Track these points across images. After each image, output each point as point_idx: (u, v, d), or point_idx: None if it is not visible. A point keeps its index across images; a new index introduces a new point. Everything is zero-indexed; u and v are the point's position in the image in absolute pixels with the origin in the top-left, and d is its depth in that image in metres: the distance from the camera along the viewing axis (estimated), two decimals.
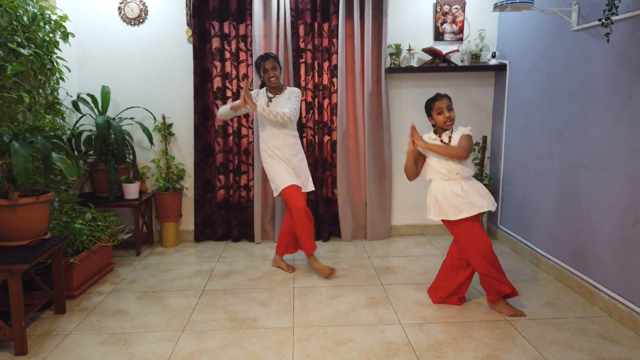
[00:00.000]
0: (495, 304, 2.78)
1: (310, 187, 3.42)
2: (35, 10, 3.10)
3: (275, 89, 3.35)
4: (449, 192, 2.68)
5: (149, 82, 4.09)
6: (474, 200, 2.65)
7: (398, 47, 4.02)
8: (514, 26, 3.87)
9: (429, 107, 2.77)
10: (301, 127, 4.07)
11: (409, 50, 4.04)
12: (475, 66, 4.06)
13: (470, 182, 2.71)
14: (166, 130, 4.09)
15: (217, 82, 4.04)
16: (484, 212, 2.80)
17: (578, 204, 3.03)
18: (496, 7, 3.15)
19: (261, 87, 3.46)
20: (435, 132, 2.81)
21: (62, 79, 3.40)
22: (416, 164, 2.86)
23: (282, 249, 3.50)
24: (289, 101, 3.30)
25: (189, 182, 4.23)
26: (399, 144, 4.24)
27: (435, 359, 2.30)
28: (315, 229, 4.22)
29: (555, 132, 3.28)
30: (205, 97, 4.03)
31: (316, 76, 4.07)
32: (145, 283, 3.29)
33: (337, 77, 4.05)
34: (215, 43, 3.98)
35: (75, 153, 3.70)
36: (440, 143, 2.75)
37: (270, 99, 3.33)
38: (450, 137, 2.74)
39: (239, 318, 2.75)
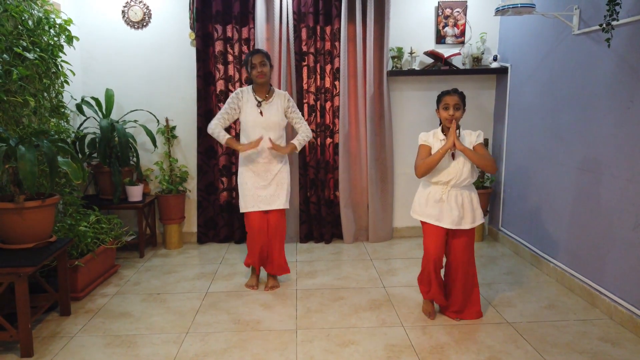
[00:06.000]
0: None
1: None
2: (40, 15, 3.12)
3: (263, 90, 3.11)
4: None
5: (152, 85, 4.12)
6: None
7: (400, 50, 4.04)
8: (516, 30, 3.89)
9: (439, 99, 2.65)
10: None
11: (411, 53, 4.06)
12: (477, 69, 4.08)
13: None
14: (169, 133, 4.11)
15: (220, 85, 4.06)
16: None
17: (579, 207, 3.04)
18: (498, 11, 3.17)
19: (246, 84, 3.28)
20: (443, 131, 2.66)
21: (67, 82, 3.43)
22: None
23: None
24: (295, 114, 3.19)
25: (192, 185, 4.25)
26: (401, 146, 4.26)
27: None
28: (317, 231, 4.26)
29: (556, 136, 3.30)
30: (208, 99, 4.06)
31: (318, 79, 4.09)
32: (149, 285, 3.31)
33: (339, 80, 4.07)
34: (219, 46, 4.01)
35: (79, 156, 3.72)
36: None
37: (259, 103, 3.09)
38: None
39: (243, 320, 2.77)
